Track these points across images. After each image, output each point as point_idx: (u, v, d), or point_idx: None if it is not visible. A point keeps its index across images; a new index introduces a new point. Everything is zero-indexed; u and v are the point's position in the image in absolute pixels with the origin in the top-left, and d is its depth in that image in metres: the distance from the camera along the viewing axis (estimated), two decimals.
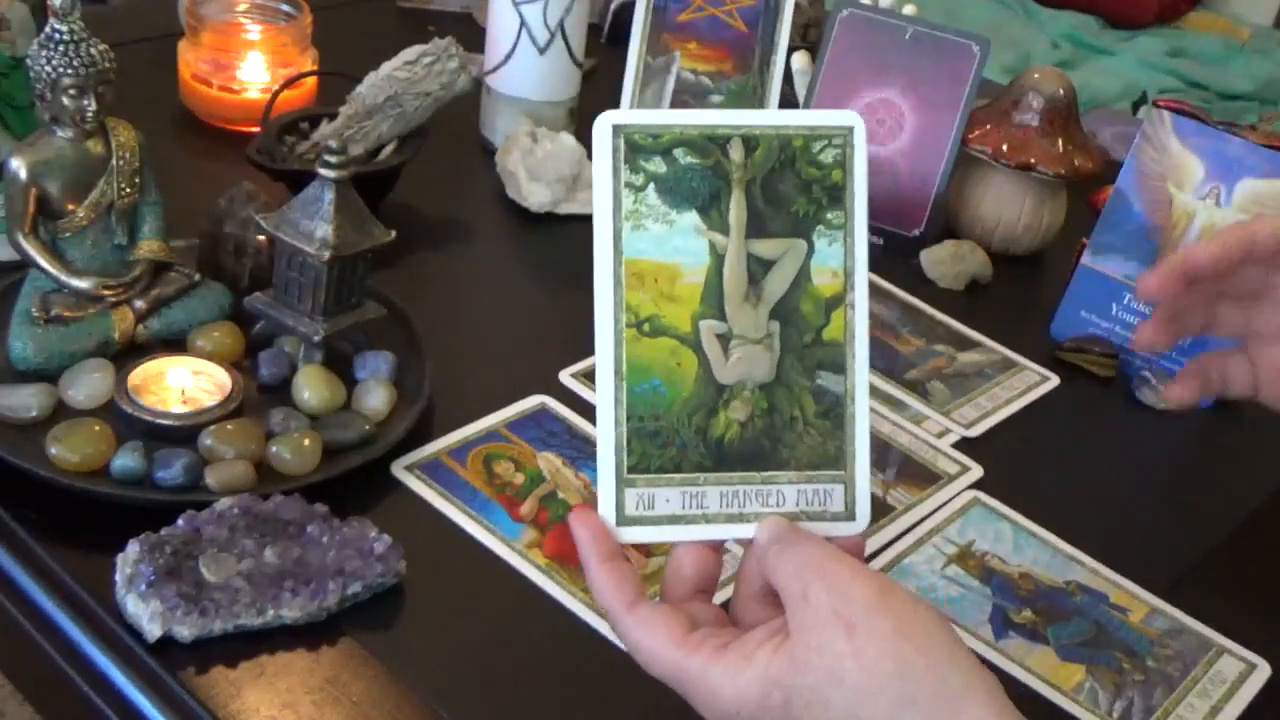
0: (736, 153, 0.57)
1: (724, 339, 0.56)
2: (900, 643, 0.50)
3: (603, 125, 0.56)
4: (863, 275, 0.58)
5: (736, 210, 0.56)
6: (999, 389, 0.99)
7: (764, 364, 0.57)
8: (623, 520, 0.56)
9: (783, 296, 0.57)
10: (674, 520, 0.56)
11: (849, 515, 0.57)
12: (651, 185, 0.56)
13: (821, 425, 0.57)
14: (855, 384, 0.57)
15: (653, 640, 0.54)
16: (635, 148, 0.56)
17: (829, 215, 0.57)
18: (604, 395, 0.55)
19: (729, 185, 0.56)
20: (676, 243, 0.56)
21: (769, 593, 0.55)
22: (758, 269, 0.57)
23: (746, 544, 0.56)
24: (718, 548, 0.57)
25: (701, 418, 0.56)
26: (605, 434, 0.55)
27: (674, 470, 0.56)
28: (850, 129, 0.57)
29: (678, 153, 0.56)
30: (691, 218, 0.56)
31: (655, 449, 0.56)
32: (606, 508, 0.56)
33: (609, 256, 0.56)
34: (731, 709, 0.52)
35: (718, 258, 0.56)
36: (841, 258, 0.57)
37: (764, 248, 0.57)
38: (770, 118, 0.57)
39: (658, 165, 0.56)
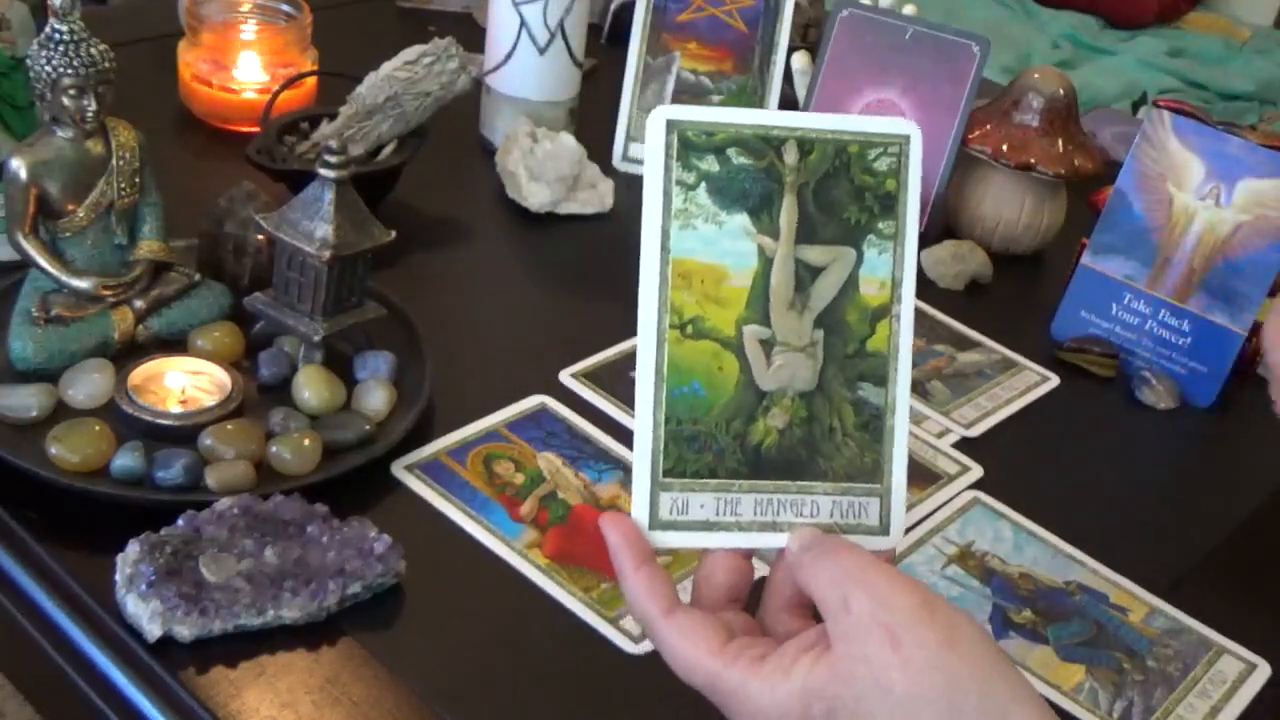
0: (791, 156, 0.55)
1: (767, 345, 0.55)
2: (947, 654, 0.49)
3: (656, 120, 0.54)
4: (910, 288, 0.56)
5: (788, 214, 0.55)
6: (999, 389, 0.99)
7: (806, 372, 0.56)
8: (656, 524, 0.54)
9: (829, 305, 0.56)
10: (707, 527, 0.55)
11: (883, 529, 0.56)
12: (703, 184, 0.55)
13: (860, 437, 0.56)
14: (896, 397, 0.56)
15: (692, 649, 0.52)
16: (688, 145, 0.54)
17: (880, 225, 0.56)
18: (643, 396, 0.54)
19: (781, 188, 0.55)
20: (725, 244, 0.55)
21: (799, 604, 0.54)
22: (805, 275, 0.56)
23: (777, 554, 0.56)
24: (749, 556, 0.56)
25: (740, 424, 0.55)
26: (643, 436, 0.54)
27: (709, 476, 0.55)
28: (906, 137, 0.56)
29: (731, 152, 0.55)
30: (741, 219, 0.55)
31: (692, 453, 0.55)
32: (640, 510, 0.54)
33: (655, 255, 0.54)
34: None
35: (766, 261, 0.55)
36: (890, 268, 0.56)
37: (813, 254, 0.56)
38: (826, 121, 0.56)
39: (710, 164, 0.55)
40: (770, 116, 0.56)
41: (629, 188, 1.12)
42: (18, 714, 1.12)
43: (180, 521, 0.69)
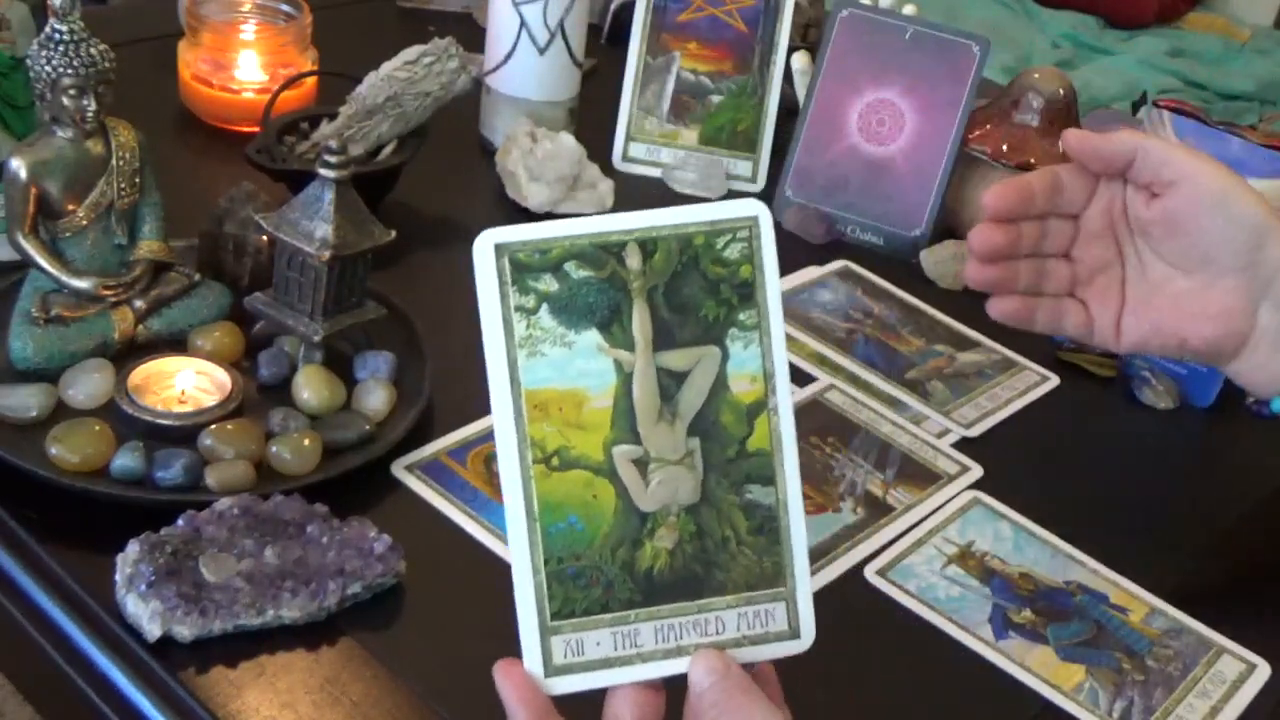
0: (633, 260, 0.52)
1: (641, 463, 0.53)
2: None
3: (483, 246, 0.52)
4: (784, 376, 0.54)
5: (640, 323, 0.53)
6: (999, 389, 0.99)
7: (687, 485, 0.53)
8: (551, 671, 0.52)
9: (700, 410, 0.53)
10: (607, 664, 0.53)
11: (793, 633, 0.54)
12: (544, 306, 0.52)
13: (755, 542, 0.54)
14: (788, 493, 0.54)
15: None
16: (521, 267, 0.52)
17: (741, 316, 0.53)
18: (516, 540, 0.52)
19: (629, 296, 0.52)
20: (579, 365, 0.52)
21: None
22: (670, 383, 0.53)
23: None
24: (659, 685, 0.54)
25: (626, 551, 0.53)
26: (522, 582, 0.52)
27: (601, 611, 0.53)
28: (755, 218, 0.53)
29: (569, 267, 0.52)
30: (592, 337, 0.52)
31: (579, 591, 0.52)
32: (532, 660, 0.52)
33: (506, 390, 0.52)
34: None
35: (625, 376, 0.53)
36: (759, 360, 0.53)
37: (675, 360, 0.53)
38: (666, 216, 0.53)
39: (548, 284, 0.52)
40: (605, 222, 0.53)
41: (629, 188, 1.12)
42: (18, 714, 1.12)
43: (180, 521, 0.69)
